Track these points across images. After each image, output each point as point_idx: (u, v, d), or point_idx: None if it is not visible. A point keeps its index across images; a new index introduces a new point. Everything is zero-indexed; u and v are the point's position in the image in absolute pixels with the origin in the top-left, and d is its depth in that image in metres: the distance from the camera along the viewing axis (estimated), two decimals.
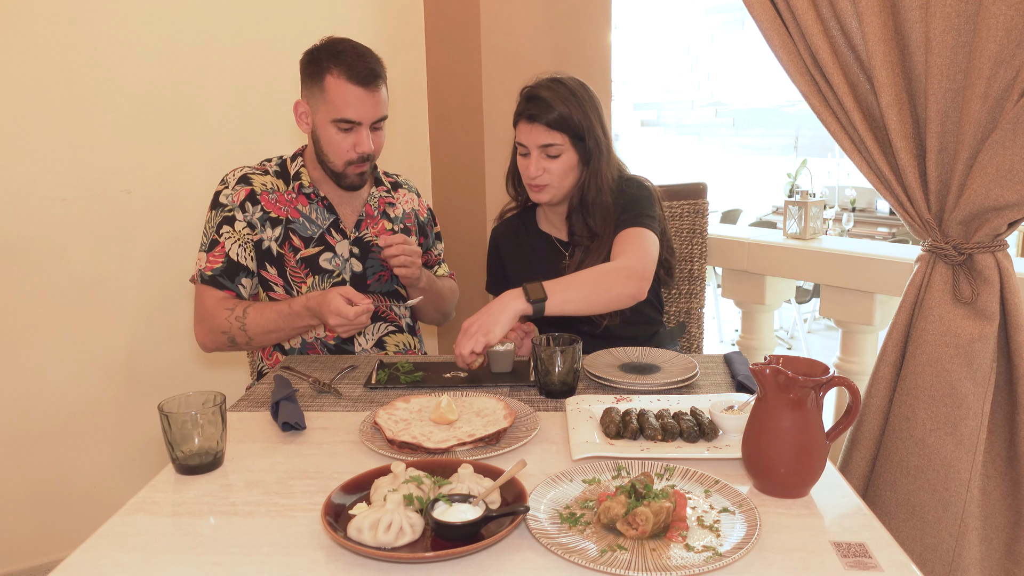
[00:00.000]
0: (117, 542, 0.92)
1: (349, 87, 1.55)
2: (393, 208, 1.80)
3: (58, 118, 2.07)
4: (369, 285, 1.74)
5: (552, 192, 1.66)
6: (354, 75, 1.54)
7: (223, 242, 1.63)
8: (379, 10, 2.53)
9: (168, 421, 1.07)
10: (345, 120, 1.57)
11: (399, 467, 0.98)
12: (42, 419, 2.16)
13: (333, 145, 1.60)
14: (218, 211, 1.65)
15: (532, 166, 1.64)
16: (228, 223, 1.64)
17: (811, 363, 1.01)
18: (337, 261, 1.70)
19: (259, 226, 1.65)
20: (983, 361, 1.53)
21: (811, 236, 2.18)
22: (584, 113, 1.62)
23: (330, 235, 1.70)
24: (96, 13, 2.08)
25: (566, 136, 1.61)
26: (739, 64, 22.84)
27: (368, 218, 1.75)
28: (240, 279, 1.64)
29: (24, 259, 2.08)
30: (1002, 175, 1.44)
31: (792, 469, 0.98)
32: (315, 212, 1.69)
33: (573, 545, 0.86)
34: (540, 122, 1.61)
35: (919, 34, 1.49)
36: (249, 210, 1.65)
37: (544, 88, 1.63)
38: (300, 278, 1.68)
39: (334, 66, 1.55)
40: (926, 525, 1.59)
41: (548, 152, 1.62)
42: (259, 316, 1.57)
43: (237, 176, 1.68)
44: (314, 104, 1.60)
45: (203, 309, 1.61)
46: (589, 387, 1.41)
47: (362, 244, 1.73)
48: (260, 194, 1.66)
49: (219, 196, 1.66)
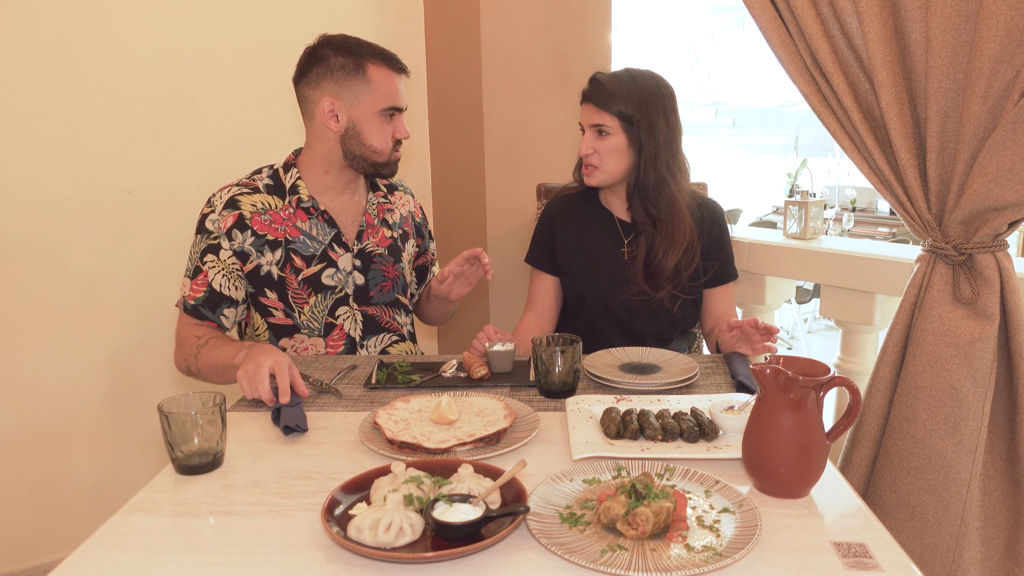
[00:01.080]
0: (117, 542, 0.92)
1: (393, 76, 1.59)
2: (391, 214, 1.78)
3: (58, 118, 2.07)
4: (372, 297, 1.71)
5: (601, 175, 1.71)
6: (393, 64, 1.59)
7: (206, 271, 1.59)
8: (379, 10, 2.53)
9: (168, 421, 1.07)
10: (395, 108, 1.60)
11: (399, 467, 0.98)
12: (42, 419, 2.16)
13: (380, 134, 1.60)
14: (203, 237, 1.60)
15: (584, 144, 1.71)
16: (213, 251, 1.59)
17: (811, 363, 1.01)
18: (339, 276, 1.66)
19: (254, 253, 1.60)
20: (983, 361, 1.53)
21: (811, 236, 2.17)
22: (642, 100, 1.66)
23: (332, 250, 1.66)
24: (96, 13, 2.08)
25: (616, 119, 1.66)
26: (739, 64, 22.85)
27: (369, 227, 1.71)
28: (222, 310, 1.61)
29: (24, 259, 2.08)
30: (1002, 175, 1.44)
31: (792, 469, 0.98)
32: (315, 227, 1.65)
33: (573, 545, 0.86)
34: (593, 102, 1.68)
35: (919, 34, 1.49)
36: (238, 237, 1.59)
37: (609, 73, 1.71)
38: (302, 299, 1.64)
39: (371, 57, 1.57)
40: (926, 525, 1.59)
41: (599, 132, 1.68)
42: (211, 351, 1.53)
43: (224, 199, 1.61)
44: (353, 98, 1.57)
45: (178, 333, 1.62)
46: (589, 387, 1.41)
47: (364, 256, 1.70)
48: (251, 217, 1.60)
49: (205, 220, 1.60)
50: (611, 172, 1.71)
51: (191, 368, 1.58)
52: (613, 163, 1.69)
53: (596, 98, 1.67)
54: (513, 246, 2.47)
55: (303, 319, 1.65)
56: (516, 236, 2.48)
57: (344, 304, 1.67)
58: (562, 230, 1.84)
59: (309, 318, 1.65)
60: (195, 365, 1.57)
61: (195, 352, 1.55)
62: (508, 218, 2.52)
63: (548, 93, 2.46)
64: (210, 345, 1.54)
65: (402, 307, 1.78)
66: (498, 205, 2.53)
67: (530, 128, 2.48)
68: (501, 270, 2.55)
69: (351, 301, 1.68)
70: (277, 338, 1.66)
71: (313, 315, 1.65)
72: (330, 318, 1.67)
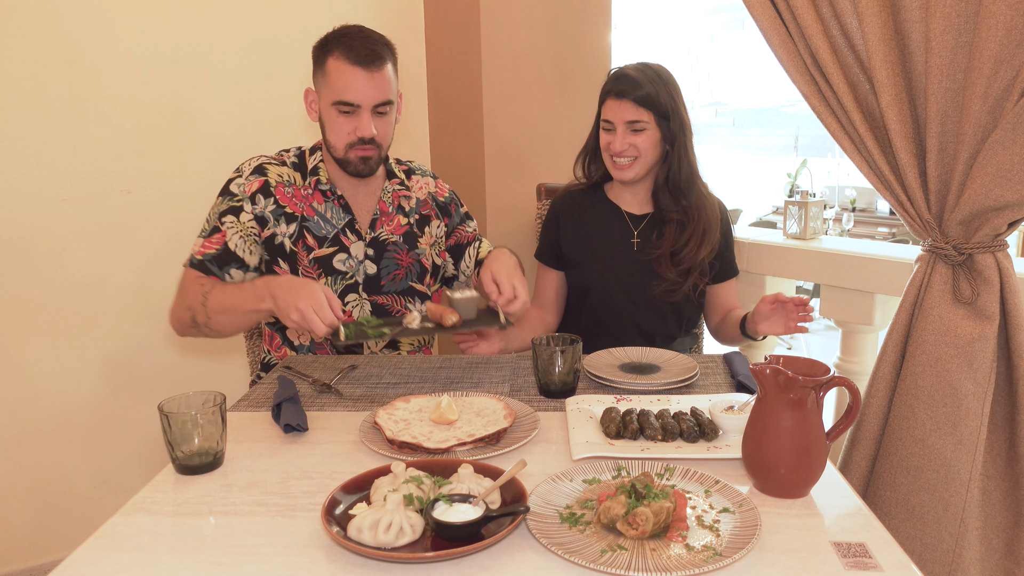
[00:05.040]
0: (117, 542, 0.92)
1: (348, 67, 1.51)
2: (408, 200, 1.75)
3: (58, 118, 2.07)
4: (383, 286, 1.70)
5: (636, 169, 1.72)
6: (353, 55, 1.51)
7: (224, 231, 1.58)
8: (379, 10, 2.53)
9: (168, 421, 1.07)
10: (344, 102, 1.52)
11: (399, 467, 0.98)
12: (42, 418, 2.16)
13: (334, 129, 1.56)
14: (225, 199, 1.60)
15: (618, 141, 1.70)
16: (233, 213, 1.59)
17: (811, 363, 1.01)
18: (351, 263, 1.66)
19: (271, 220, 1.61)
20: (983, 361, 1.53)
21: (811, 236, 2.17)
22: (669, 95, 1.69)
23: (345, 236, 1.66)
24: (96, 13, 2.08)
25: (652, 114, 1.68)
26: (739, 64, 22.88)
27: (383, 215, 1.70)
28: (230, 268, 1.58)
29: (24, 259, 2.08)
30: (1002, 175, 1.44)
31: (792, 469, 0.98)
32: (330, 211, 1.65)
33: (573, 545, 0.86)
34: (628, 98, 1.67)
35: (919, 34, 1.49)
36: (260, 202, 1.61)
37: (632, 68, 1.71)
38: (312, 278, 1.63)
39: (336, 48, 1.52)
40: (926, 525, 1.59)
41: (634, 128, 1.69)
42: (223, 291, 1.48)
43: (253, 165, 1.64)
44: (319, 88, 1.58)
45: (180, 286, 1.57)
46: (589, 387, 1.41)
47: (377, 244, 1.69)
48: (275, 186, 1.62)
49: (230, 184, 1.62)
50: (648, 165, 1.73)
51: (196, 317, 1.51)
52: (650, 156, 1.72)
53: (632, 94, 1.67)
54: (513, 246, 2.45)
55: None
56: (516, 236, 2.48)
57: (354, 292, 1.67)
58: (568, 225, 1.85)
59: None
60: (202, 312, 1.50)
61: (201, 298, 1.50)
62: (508, 218, 2.52)
63: (548, 93, 2.46)
64: (218, 289, 1.50)
65: (417, 294, 1.76)
66: (498, 205, 2.53)
67: (530, 128, 2.48)
68: None
69: (360, 289, 1.68)
70: None
71: None
72: None
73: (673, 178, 1.74)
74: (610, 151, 1.73)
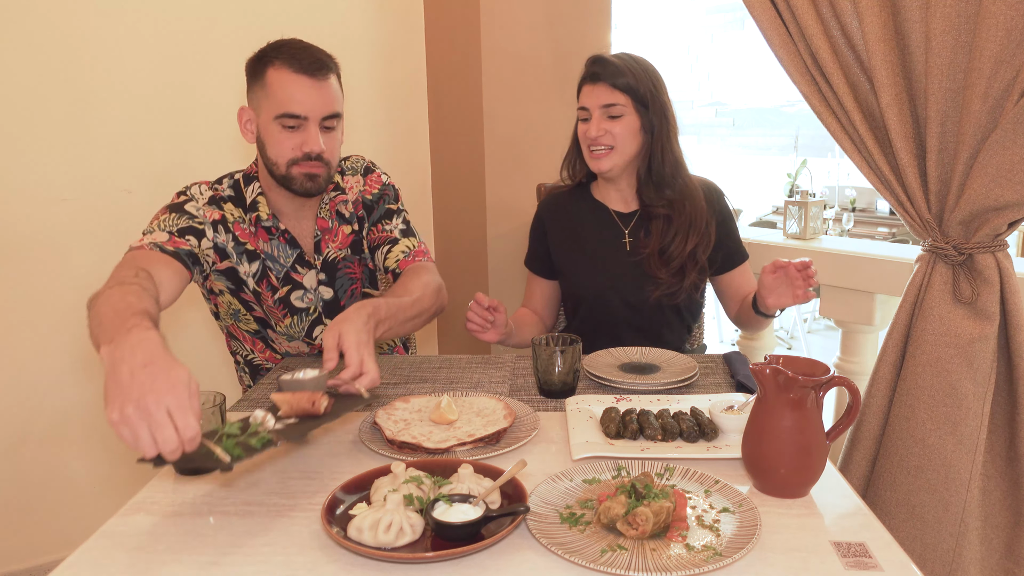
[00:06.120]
0: (117, 542, 0.92)
1: (292, 76, 1.38)
2: (345, 205, 1.59)
3: (58, 117, 2.07)
4: (343, 306, 1.60)
5: (614, 159, 1.63)
6: (297, 63, 1.38)
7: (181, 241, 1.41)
8: (379, 10, 2.53)
9: None
10: (289, 115, 1.38)
11: (399, 467, 0.98)
12: (42, 418, 2.16)
13: (277, 145, 1.41)
14: (181, 215, 1.44)
15: (593, 127, 1.61)
16: (194, 234, 1.43)
17: (811, 363, 1.01)
18: (309, 296, 1.57)
19: (234, 256, 1.50)
20: (983, 361, 1.53)
21: (811, 236, 2.18)
22: (649, 81, 1.62)
23: (296, 272, 1.55)
24: (96, 12, 2.08)
25: (629, 98, 1.60)
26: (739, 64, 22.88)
27: (325, 234, 1.57)
28: (184, 255, 1.39)
29: (24, 259, 2.08)
30: (1002, 175, 1.44)
31: (792, 469, 0.98)
32: (277, 249, 1.53)
33: (573, 545, 0.86)
34: (603, 81, 1.60)
35: (919, 34, 1.49)
36: (222, 234, 1.49)
37: (608, 54, 1.65)
38: (278, 317, 1.57)
39: (276, 58, 1.39)
40: (926, 525, 1.59)
41: (610, 113, 1.60)
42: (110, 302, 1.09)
43: (206, 196, 1.50)
44: (256, 105, 1.43)
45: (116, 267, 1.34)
46: (589, 387, 1.41)
47: (328, 266, 1.57)
48: (233, 223, 1.50)
49: (184, 204, 1.47)
50: (625, 155, 1.63)
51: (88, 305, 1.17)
52: (628, 145, 1.62)
53: (606, 77, 1.59)
54: (513, 246, 2.47)
55: (281, 329, 1.59)
56: (516, 236, 2.48)
57: (319, 324, 1.61)
58: (555, 230, 1.78)
59: (288, 334, 1.60)
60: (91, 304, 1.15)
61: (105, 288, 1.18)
62: (508, 218, 2.52)
63: (548, 93, 2.46)
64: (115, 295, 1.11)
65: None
66: (498, 205, 2.53)
67: (530, 128, 2.48)
68: (501, 270, 2.55)
69: (324, 319, 1.60)
70: (264, 328, 1.61)
71: (290, 333, 1.60)
72: (307, 338, 1.61)
73: (656, 171, 1.64)
74: (586, 139, 1.63)
